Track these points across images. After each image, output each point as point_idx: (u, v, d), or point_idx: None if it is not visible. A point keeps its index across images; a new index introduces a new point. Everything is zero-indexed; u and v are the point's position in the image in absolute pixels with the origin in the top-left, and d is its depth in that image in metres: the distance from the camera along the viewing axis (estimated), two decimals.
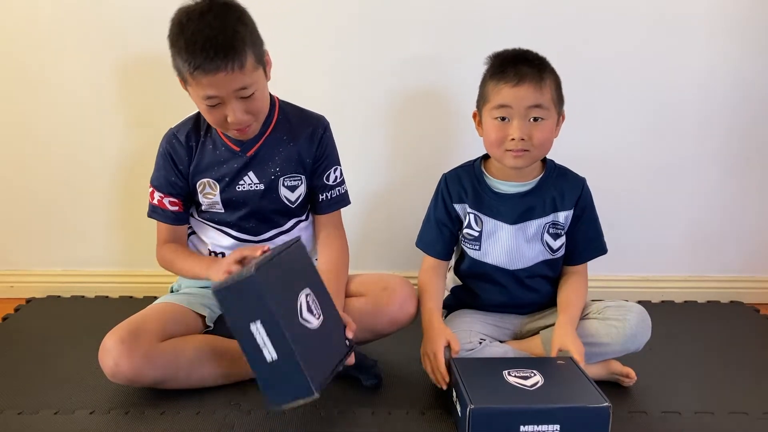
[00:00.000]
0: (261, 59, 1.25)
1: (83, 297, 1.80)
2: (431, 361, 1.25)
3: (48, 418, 1.20)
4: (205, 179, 1.36)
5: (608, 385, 1.32)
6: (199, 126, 1.36)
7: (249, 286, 1.04)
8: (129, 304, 1.71)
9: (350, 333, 1.20)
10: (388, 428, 1.19)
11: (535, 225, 1.35)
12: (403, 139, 1.75)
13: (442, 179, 1.41)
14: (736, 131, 1.75)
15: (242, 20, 1.21)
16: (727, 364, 1.45)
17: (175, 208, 1.38)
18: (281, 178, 1.37)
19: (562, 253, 1.37)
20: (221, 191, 1.36)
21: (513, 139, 1.26)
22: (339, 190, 1.43)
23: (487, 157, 1.39)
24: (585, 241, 1.38)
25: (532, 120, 1.26)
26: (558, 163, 1.39)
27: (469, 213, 1.37)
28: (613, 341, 1.30)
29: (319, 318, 1.13)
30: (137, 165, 1.72)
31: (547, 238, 1.35)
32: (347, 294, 1.38)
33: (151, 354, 1.22)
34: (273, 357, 1.05)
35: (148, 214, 1.40)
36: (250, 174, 1.35)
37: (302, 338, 1.07)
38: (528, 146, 1.26)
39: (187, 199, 1.39)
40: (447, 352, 1.24)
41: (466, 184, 1.37)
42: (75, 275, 1.82)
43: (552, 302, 1.39)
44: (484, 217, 1.36)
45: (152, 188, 1.38)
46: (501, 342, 1.36)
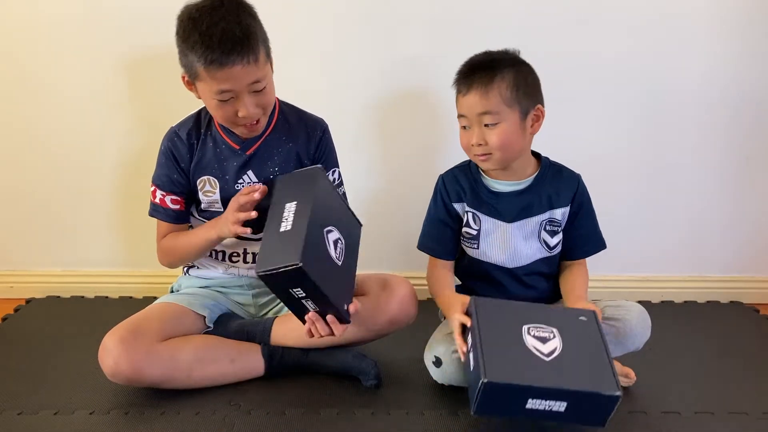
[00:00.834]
0: (269, 54, 1.27)
1: (83, 297, 1.80)
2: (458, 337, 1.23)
3: (48, 418, 1.20)
4: (205, 177, 1.36)
5: None
6: (200, 124, 1.37)
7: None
8: (129, 305, 1.71)
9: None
10: (388, 429, 1.19)
11: (532, 222, 1.35)
12: (399, 139, 1.75)
13: (439, 180, 1.42)
14: (737, 131, 1.75)
15: (252, 15, 1.24)
16: (727, 364, 1.45)
17: (177, 207, 1.38)
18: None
19: (558, 250, 1.38)
20: (221, 189, 1.36)
21: (473, 144, 1.30)
22: (338, 191, 1.44)
23: None
24: (584, 236, 1.38)
25: (486, 125, 1.29)
26: (553, 160, 1.40)
27: (467, 212, 1.37)
28: (613, 341, 1.30)
29: (340, 259, 1.24)
30: (137, 165, 1.72)
31: (545, 235, 1.36)
32: None
33: (151, 354, 1.22)
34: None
35: (150, 213, 1.40)
36: (249, 173, 1.36)
37: (332, 283, 1.19)
38: (488, 150, 1.29)
39: (189, 197, 1.40)
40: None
41: (463, 183, 1.38)
42: (75, 275, 1.82)
43: (550, 299, 1.40)
44: (482, 216, 1.36)
45: (154, 187, 1.38)
46: None
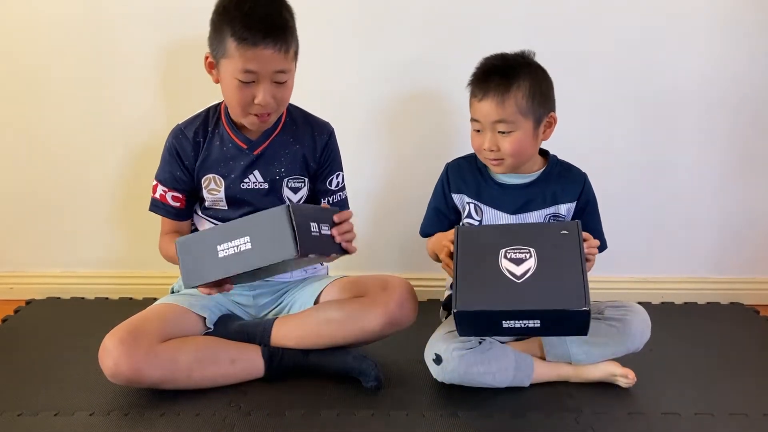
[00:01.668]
0: (296, 56, 1.31)
1: (83, 298, 1.80)
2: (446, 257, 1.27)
3: (48, 419, 1.20)
4: (210, 175, 1.37)
5: (608, 386, 1.32)
6: (208, 122, 1.38)
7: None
8: (129, 306, 1.71)
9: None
10: (389, 430, 1.19)
11: (534, 216, 1.36)
12: (402, 140, 1.75)
13: (444, 168, 1.44)
14: (737, 132, 1.75)
15: (291, 14, 1.29)
16: (727, 365, 1.45)
17: (177, 204, 1.39)
18: (285, 179, 1.39)
19: None
20: (226, 188, 1.37)
21: (485, 149, 1.31)
22: (340, 195, 1.47)
23: None
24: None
25: (499, 132, 1.30)
26: (561, 159, 1.40)
27: (468, 203, 1.39)
28: (613, 341, 1.30)
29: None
30: (138, 166, 1.73)
31: None
32: (347, 295, 1.38)
33: (151, 355, 1.22)
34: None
35: (150, 208, 1.41)
36: (256, 173, 1.37)
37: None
38: (501, 156, 1.31)
39: (192, 195, 1.40)
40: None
41: (467, 174, 1.40)
42: (75, 277, 1.82)
43: None
44: (484, 207, 1.37)
45: (156, 182, 1.40)
46: (502, 344, 1.36)
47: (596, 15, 1.67)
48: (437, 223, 1.42)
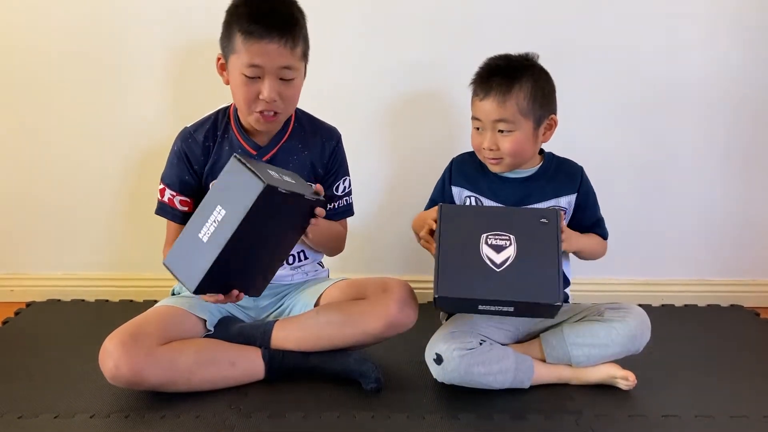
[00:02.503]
0: (307, 56, 1.32)
1: (83, 301, 1.80)
2: (425, 235, 1.30)
3: (48, 422, 1.20)
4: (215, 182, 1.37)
5: (608, 389, 1.33)
6: (218, 126, 1.39)
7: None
8: (129, 308, 1.71)
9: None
10: None
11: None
12: (404, 141, 1.75)
13: (450, 162, 1.46)
14: (738, 134, 1.76)
15: (301, 12, 1.32)
16: (727, 367, 1.45)
17: (185, 208, 1.39)
18: None
19: None
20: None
21: (484, 148, 1.33)
22: (346, 200, 1.48)
23: None
24: (588, 228, 1.40)
25: (500, 132, 1.32)
26: (555, 154, 1.43)
27: (468, 197, 1.40)
28: (613, 342, 1.31)
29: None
30: (139, 168, 1.73)
31: None
32: (347, 297, 1.38)
33: (152, 357, 1.22)
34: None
35: (156, 212, 1.41)
36: None
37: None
38: (500, 155, 1.33)
39: (199, 199, 1.39)
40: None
41: (469, 168, 1.43)
42: (75, 279, 1.82)
43: None
44: (484, 200, 1.39)
45: (163, 186, 1.39)
46: (502, 345, 1.36)
47: (596, 16, 1.67)
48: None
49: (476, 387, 1.29)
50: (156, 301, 1.42)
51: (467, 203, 1.41)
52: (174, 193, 1.38)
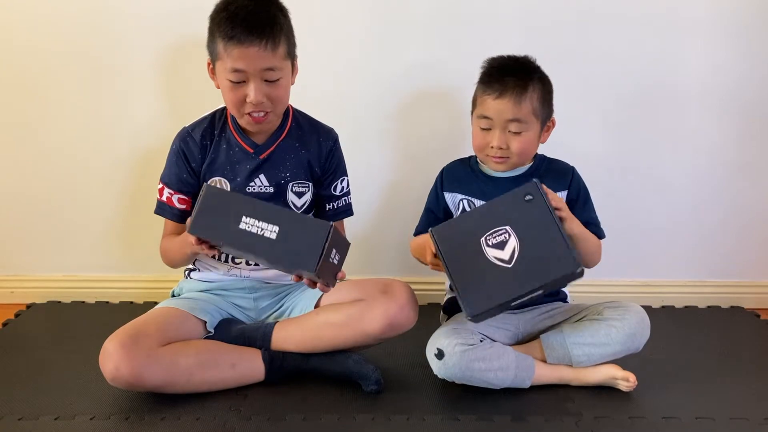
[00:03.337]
0: (292, 54, 1.32)
1: (83, 302, 1.80)
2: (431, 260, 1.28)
3: (48, 423, 1.20)
4: (216, 178, 1.38)
5: (608, 390, 1.33)
6: (215, 125, 1.39)
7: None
8: (129, 310, 1.70)
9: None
10: None
11: None
12: (403, 143, 1.75)
13: (440, 171, 1.48)
14: (737, 135, 1.76)
15: (283, 12, 1.31)
16: (728, 369, 1.45)
17: (183, 206, 1.39)
18: (290, 183, 1.40)
19: None
20: (231, 191, 1.37)
21: (493, 147, 1.33)
22: (345, 200, 1.48)
23: None
24: (584, 224, 1.37)
25: (511, 131, 1.32)
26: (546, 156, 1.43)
27: (461, 200, 1.41)
28: (612, 341, 1.31)
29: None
30: (139, 170, 1.73)
31: None
32: (347, 298, 1.38)
33: (152, 358, 1.22)
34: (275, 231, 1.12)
35: (155, 211, 1.41)
36: (261, 176, 1.38)
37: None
38: (507, 154, 1.34)
39: (197, 197, 1.40)
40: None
41: (460, 172, 1.44)
42: (75, 280, 1.81)
43: (549, 296, 1.40)
44: (476, 201, 1.40)
45: (162, 185, 1.40)
46: (503, 344, 1.36)
47: (597, 16, 1.67)
48: (428, 224, 1.41)
49: (476, 384, 1.29)
50: (156, 303, 1.42)
51: (461, 206, 1.41)
52: (172, 192, 1.39)
